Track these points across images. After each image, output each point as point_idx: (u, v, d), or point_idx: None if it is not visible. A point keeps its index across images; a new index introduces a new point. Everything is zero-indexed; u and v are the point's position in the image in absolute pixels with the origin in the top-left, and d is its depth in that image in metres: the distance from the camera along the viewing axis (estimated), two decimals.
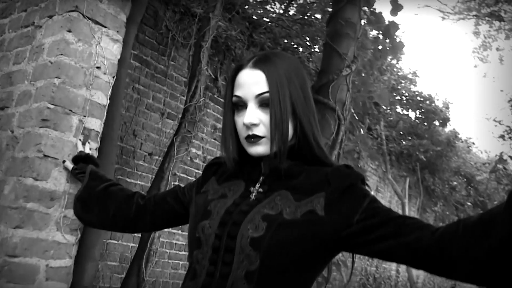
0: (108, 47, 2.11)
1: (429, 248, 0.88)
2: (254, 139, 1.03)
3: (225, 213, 1.03)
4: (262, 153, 1.04)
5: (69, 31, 1.97)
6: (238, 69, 1.09)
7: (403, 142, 9.96)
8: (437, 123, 10.51)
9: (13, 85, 2.13)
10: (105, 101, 2.09)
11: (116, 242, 3.99)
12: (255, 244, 0.95)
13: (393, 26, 3.49)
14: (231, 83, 1.10)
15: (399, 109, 10.34)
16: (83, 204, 1.48)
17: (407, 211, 9.33)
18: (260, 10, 6.27)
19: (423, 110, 10.31)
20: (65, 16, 2.01)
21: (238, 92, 1.06)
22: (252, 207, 1.02)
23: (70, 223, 1.93)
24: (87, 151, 1.90)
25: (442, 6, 11.68)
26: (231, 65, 5.00)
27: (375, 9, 3.49)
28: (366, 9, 3.40)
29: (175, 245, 4.58)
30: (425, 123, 10.39)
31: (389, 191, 9.43)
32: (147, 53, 4.27)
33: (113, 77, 2.14)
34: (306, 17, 6.06)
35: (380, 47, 3.64)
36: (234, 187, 1.11)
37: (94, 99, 2.03)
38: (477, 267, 0.81)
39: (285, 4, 6.37)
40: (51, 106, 1.89)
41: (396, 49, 3.57)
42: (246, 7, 5.54)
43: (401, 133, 10.11)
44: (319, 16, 5.98)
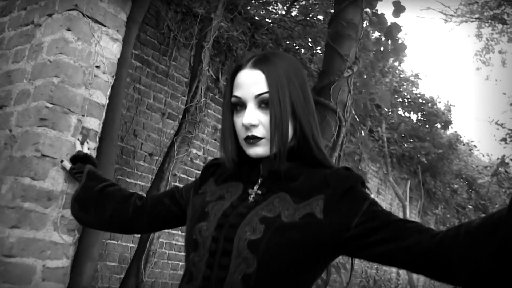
0: (107, 46, 2.09)
1: (429, 252, 0.86)
2: (253, 140, 1.02)
3: (223, 215, 1.02)
4: (261, 154, 1.03)
5: (69, 30, 1.96)
6: (237, 69, 1.08)
7: (405, 144, 9.94)
8: (439, 126, 10.49)
9: (12, 83, 2.12)
10: (104, 100, 2.08)
11: (115, 242, 3.98)
12: (252, 247, 0.93)
13: (395, 27, 3.47)
14: (230, 83, 1.09)
15: (401, 111, 10.32)
16: (80, 204, 1.47)
17: (408, 214, 9.31)
18: (262, 11, 6.26)
19: (425, 112, 10.29)
20: (65, 14, 1.99)
21: (237, 92, 1.04)
22: (250, 209, 1.01)
23: (67, 223, 1.92)
24: (86, 150, 1.89)
25: (444, 8, 11.68)
26: (233, 65, 4.98)
27: (377, 10, 3.47)
28: (368, 10, 3.39)
29: (174, 245, 4.56)
30: (427, 126, 10.37)
31: (390, 194, 9.41)
32: (148, 53, 4.26)
33: (113, 77, 2.13)
34: (308, 18, 6.04)
35: (382, 49, 3.62)
36: (232, 189, 1.10)
37: (93, 98, 2.02)
38: (479, 271, 0.80)
39: (288, 5, 6.36)
40: (50, 105, 1.88)
41: (398, 50, 3.55)
42: (248, 7, 5.53)
43: (403, 135, 10.08)
44: (321, 17, 5.97)
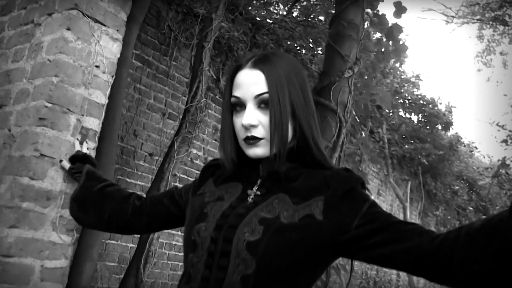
0: (107, 46, 2.09)
1: (430, 254, 0.85)
2: (252, 141, 1.01)
3: (221, 216, 1.01)
4: (260, 155, 1.02)
5: (68, 29, 1.95)
6: (236, 69, 1.07)
7: (405, 145, 9.93)
8: (439, 127, 10.48)
9: (11, 83, 2.11)
10: (103, 100, 2.07)
11: (115, 242, 3.97)
12: (251, 248, 0.92)
13: (397, 28, 3.46)
14: (229, 83, 1.08)
15: (401, 113, 10.32)
16: (79, 204, 1.46)
17: (408, 215, 9.30)
18: (263, 11, 6.26)
19: (425, 113, 10.28)
20: (65, 14, 1.99)
21: (236, 92, 1.04)
22: (249, 210, 1.00)
23: (66, 223, 1.91)
24: (85, 150, 1.87)
25: (446, 9, 11.66)
26: (232, 65, 4.97)
27: (378, 11, 3.46)
28: (369, 11, 3.38)
29: (174, 246, 4.55)
30: (428, 127, 10.37)
31: (391, 195, 9.40)
32: (149, 53, 4.25)
33: (112, 76, 2.12)
34: (309, 19, 6.05)
35: (383, 50, 3.61)
36: (231, 190, 1.09)
37: (92, 98, 2.01)
38: (480, 273, 0.79)
39: (289, 5, 6.36)
40: (49, 104, 1.87)
41: (399, 51, 3.54)
42: (249, 8, 5.53)
43: (403, 136, 10.08)
44: (322, 18, 5.97)
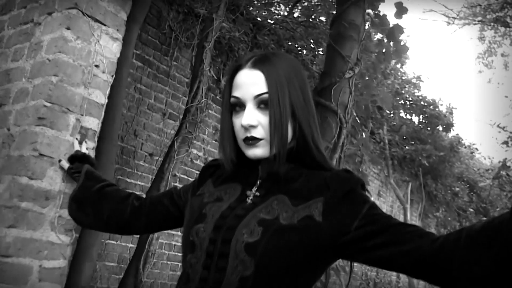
0: (107, 46, 2.08)
1: (430, 256, 0.85)
2: (252, 141, 1.00)
3: (220, 217, 1.00)
4: (260, 155, 1.01)
5: (68, 29, 1.95)
6: (236, 69, 1.06)
7: (406, 146, 9.93)
8: (440, 128, 10.48)
9: (11, 82, 2.10)
10: (103, 100, 2.06)
11: (114, 242, 3.96)
12: (250, 249, 0.92)
13: (398, 29, 3.45)
14: (229, 83, 1.07)
15: (402, 114, 10.32)
16: (78, 204, 1.45)
17: (408, 216, 9.29)
18: (264, 11, 6.26)
19: (426, 115, 10.28)
20: (65, 13, 1.98)
21: (236, 92, 1.03)
22: (248, 211, 0.99)
23: (65, 224, 1.90)
24: (84, 150, 1.86)
25: (447, 11, 11.66)
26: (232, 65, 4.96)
27: (379, 11, 3.46)
28: (370, 11, 3.37)
29: (174, 246, 4.55)
30: (429, 128, 10.36)
31: (391, 196, 9.40)
32: (149, 53, 4.25)
33: (112, 76, 2.12)
34: (310, 20, 6.04)
35: (384, 50, 3.60)
36: (230, 190, 1.08)
37: (92, 97, 2.00)
38: (481, 275, 0.78)
39: (290, 6, 6.35)
40: (48, 104, 1.86)
41: (400, 52, 3.53)
42: (250, 8, 5.52)
43: (404, 137, 10.07)
44: (323, 18, 5.97)
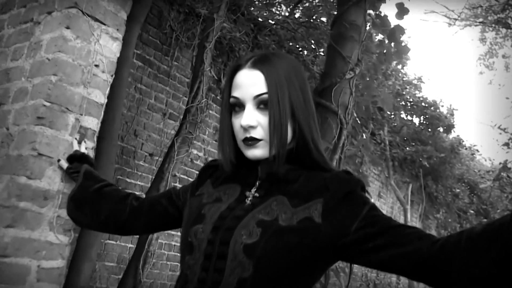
0: (107, 45, 2.07)
1: (430, 258, 0.84)
2: (251, 142, 0.99)
3: (219, 218, 0.99)
4: (259, 156, 1.01)
5: (68, 28, 1.94)
6: (236, 69, 1.06)
7: (407, 148, 9.92)
8: (441, 130, 10.48)
9: (10, 81, 2.10)
10: (103, 99, 2.06)
11: (114, 242, 3.96)
12: (248, 251, 0.91)
13: (399, 29, 3.44)
14: (228, 83, 1.06)
15: (403, 115, 10.31)
16: (76, 204, 1.44)
17: (409, 218, 9.28)
18: (265, 12, 6.25)
19: (427, 116, 10.28)
20: (64, 12, 1.97)
21: (235, 93, 1.02)
22: (247, 212, 0.98)
23: (63, 223, 1.89)
24: (83, 150, 1.86)
25: (448, 12, 11.65)
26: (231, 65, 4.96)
27: (380, 12, 3.44)
28: (371, 12, 3.36)
29: (173, 246, 4.54)
30: (429, 129, 10.36)
31: (392, 197, 9.39)
32: (150, 53, 4.24)
33: (112, 76, 2.11)
34: (311, 20, 6.03)
35: (385, 51, 3.59)
36: (229, 191, 1.08)
37: (91, 97, 2.00)
38: (481, 277, 0.78)
39: (291, 6, 6.34)
40: (47, 103, 1.86)
41: (401, 53, 3.52)
42: (251, 8, 5.52)
43: (405, 138, 10.06)
44: (324, 19, 5.96)
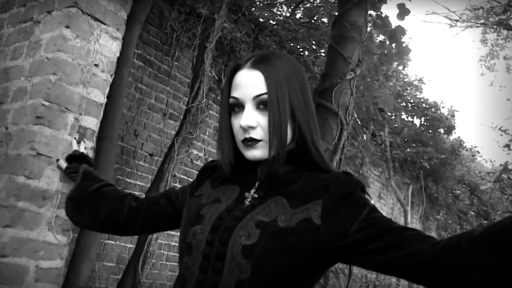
0: (107, 45, 2.07)
1: (430, 261, 0.83)
2: (251, 143, 0.99)
3: (218, 219, 0.99)
4: (259, 157, 1.00)
5: (67, 27, 1.93)
6: (235, 69, 1.05)
7: (407, 149, 9.91)
8: (442, 131, 10.46)
9: (10, 81, 2.09)
10: (102, 99, 2.05)
11: (113, 242, 3.95)
12: (247, 252, 0.90)
13: (400, 30, 3.43)
14: (228, 83, 1.06)
15: (404, 116, 10.30)
16: (75, 204, 1.43)
17: (409, 219, 9.27)
18: (266, 12, 6.25)
19: (428, 117, 10.27)
20: (64, 12, 1.97)
21: (235, 93, 1.01)
22: (245, 213, 0.98)
23: (62, 224, 1.89)
24: (82, 150, 1.85)
25: (449, 13, 11.63)
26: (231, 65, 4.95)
27: (381, 13, 3.43)
28: (372, 12, 3.35)
29: (173, 247, 4.53)
30: (430, 131, 10.35)
31: (392, 198, 9.38)
32: (151, 53, 4.24)
33: (111, 75, 2.10)
34: (312, 21, 6.02)
35: (386, 52, 3.58)
36: (228, 192, 1.07)
37: (91, 97, 1.99)
38: (482, 279, 0.77)
39: (292, 7, 6.34)
40: (46, 103, 1.85)
41: (402, 54, 3.51)
42: (252, 9, 5.52)
43: (406, 140, 10.05)
44: (325, 20, 5.95)
